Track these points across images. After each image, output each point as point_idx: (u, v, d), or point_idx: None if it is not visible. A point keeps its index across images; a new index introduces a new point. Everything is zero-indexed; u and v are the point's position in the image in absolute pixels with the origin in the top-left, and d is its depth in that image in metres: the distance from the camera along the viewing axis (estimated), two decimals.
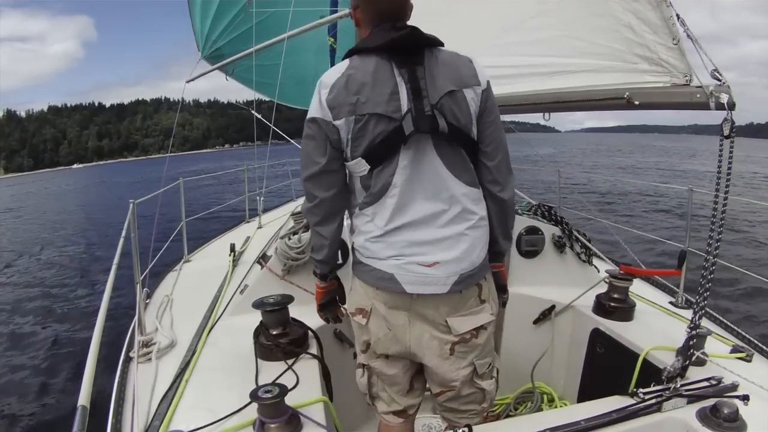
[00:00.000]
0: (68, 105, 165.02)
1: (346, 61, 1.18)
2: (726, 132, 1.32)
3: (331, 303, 1.49)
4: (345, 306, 1.49)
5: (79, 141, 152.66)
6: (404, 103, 1.12)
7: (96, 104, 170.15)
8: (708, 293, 1.33)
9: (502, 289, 1.41)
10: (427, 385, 1.40)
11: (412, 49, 1.16)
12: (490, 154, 1.23)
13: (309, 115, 1.20)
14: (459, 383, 1.28)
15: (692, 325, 1.35)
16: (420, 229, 1.17)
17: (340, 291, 1.50)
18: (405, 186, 1.16)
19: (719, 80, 1.55)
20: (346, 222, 2.26)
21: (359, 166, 1.18)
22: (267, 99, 6.32)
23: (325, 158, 1.19)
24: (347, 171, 1.25)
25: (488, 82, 1.22)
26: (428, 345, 1.24)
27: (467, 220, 1.19)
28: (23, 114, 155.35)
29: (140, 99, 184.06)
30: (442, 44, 1.21)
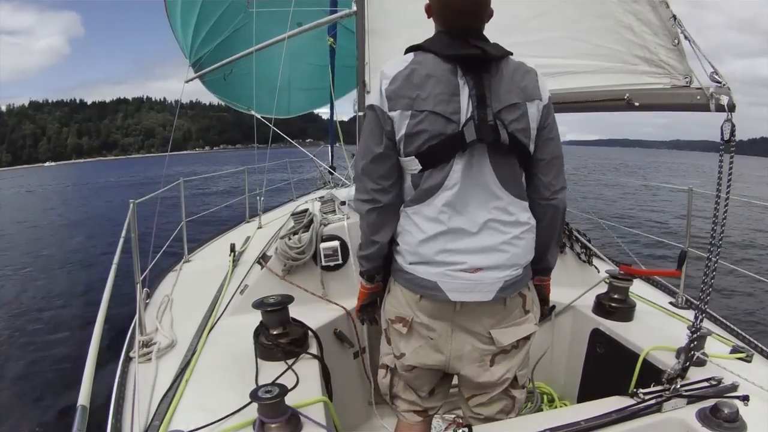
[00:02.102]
0: (50, 101, 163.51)
1: (410, 55, 1.17)
2: (726, 135, 1.32)
3: (371, 305, 1.45)
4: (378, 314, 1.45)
5: (58, 138, 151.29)
6: (465, 108, 1.10)
7: (77, 101, 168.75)
8: (708, 294, 1.33)
9: (544, 300, 1.40)
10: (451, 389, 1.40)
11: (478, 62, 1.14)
12: (546, 169, 1.21)
13: (367, 102, 1.19)
14: (494, 391, 1.28)
15: (693, 326, 1.35)
16: (465, 236, 1.16)
17: (382, 293, 1.44)
18: (454, 191, 1.14)
19: (719, 82, 1.55)
20: (345, 222, 2.25)
21: (412, 165, 1.16)
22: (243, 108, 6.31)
23: (381, 147, 1.16)
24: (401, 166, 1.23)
25: (549, 97, 1.21)
26: (469, 355, 1.23)
27: (513, 229, 1.18)
28: (4, 108, 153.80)
29: (122, 98, 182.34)
30: (510, 54, 1.19)
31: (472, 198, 1.15)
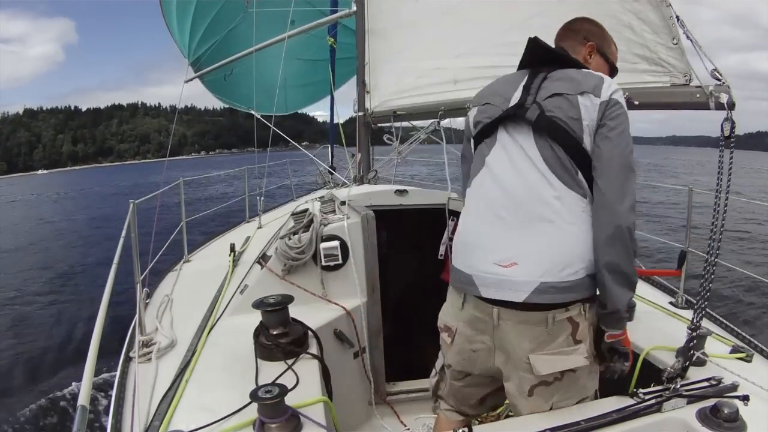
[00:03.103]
0: (44, 108, 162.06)
1: None
2: (726, 132, 1.32)
3: None
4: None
5: (53, 145, 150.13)
6: (515, 97, 1.23)
7: (72, 108, 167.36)
8: (708, 294, 1.33)
9: (615, 350, 1.18)
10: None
11: (539, 62, 1.28)
12: (599, 171, 1.13)
13: None
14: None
15: (693, 326, 1.35)
16: (502, 223, 1.15)
17: None
18: (494, 173, 1.21)
19: (719, 80, 1.55)
20: (345, 222, 2.24)
21: (468, 150, 1.38)
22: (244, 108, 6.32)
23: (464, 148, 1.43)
24: None
25: (617, 100, 1.16)
26: (509, 375, 1.20)
27: (559, 221, 1.11)
28: None
29: (117, 104, 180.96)
30: (582, 66, 1.28)
31: (515, 182, 1.17)
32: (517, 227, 1.14)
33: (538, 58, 1.29)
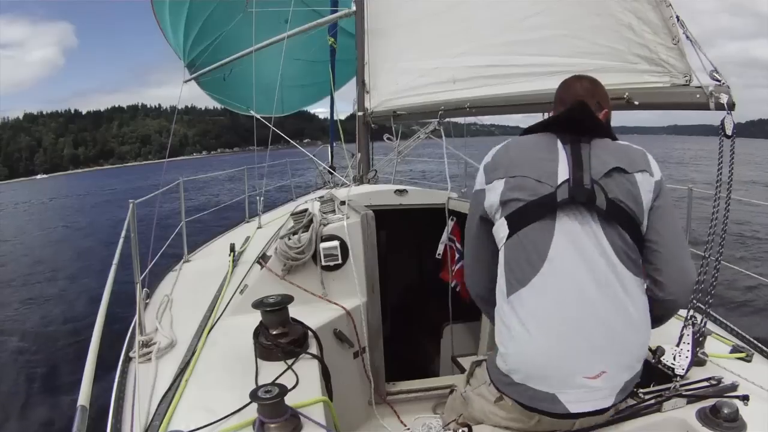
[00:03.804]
0: (44, 112, 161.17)
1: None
2: (729, 131, 1.32)
3: None
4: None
5: (54, 149, 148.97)
6: (562, 172, 1.07)
7: (72, 111, 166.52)
8: (709, 294, 1.33)
9: None
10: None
11: (581, 129, 1.12)
12: (654, 256, 1.10)
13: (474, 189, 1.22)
14: None
15: (693, 326, 1.35)
16: (587, 337, 1.01)
17: None
18: (563, 271, 1.02)
19: (718, 81, 1.55)
20: (345, 222, 2.23)
21: (502, 230, 1.10)
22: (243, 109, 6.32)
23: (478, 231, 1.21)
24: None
25: (662, 177, 1.13)
26: None
27: (637, 324, 1.06)
28: None
29: (117, 106, 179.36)
30: (614, 138, 1.16)
31: (589, 283, 1.02)
32: (603, 336, 1.03)
33: (585, 127, 1.13)
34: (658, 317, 1.16)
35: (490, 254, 1.18)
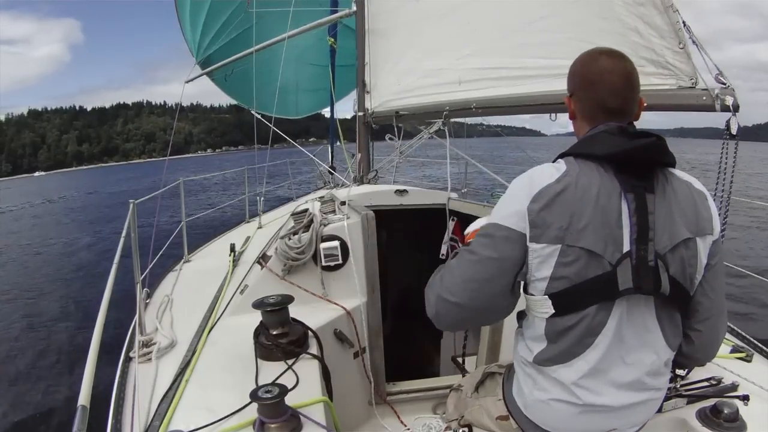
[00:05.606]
0: (49, 108, 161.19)
1: (561, 164, 0.92)
2: (734, 131, 1.33)
3: None
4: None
5: (58, 146, 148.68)
6: (625, 243, 0.87)
7: (77, 108, 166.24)
8: None
9: None
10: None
11: (645, 166, 0.90)
12: (699, 314, 0.97)
13: (495, 220, 0.94)
14: None
15: None
16: (616, 403, 0.94)
17: None
18: (609, 351, 0.91)
19: (723, 83, 1.57)
20: (345, 222, 2.23)
21: (541, 306, 0.92)
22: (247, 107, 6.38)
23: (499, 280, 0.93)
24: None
25: (719, 227, 0.97)
26: None
27: (661, 392, 1.00)
28: (2, 118, 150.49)
29: (122, 103, 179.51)
30: (674, 163, 0.94)
31: (630, 359, 0.92)
32: (632, 403, 0.96)
33: (653, 163, 0.91)
34: (679, 365, 1.09)
35: (501, 303, 0.97)
